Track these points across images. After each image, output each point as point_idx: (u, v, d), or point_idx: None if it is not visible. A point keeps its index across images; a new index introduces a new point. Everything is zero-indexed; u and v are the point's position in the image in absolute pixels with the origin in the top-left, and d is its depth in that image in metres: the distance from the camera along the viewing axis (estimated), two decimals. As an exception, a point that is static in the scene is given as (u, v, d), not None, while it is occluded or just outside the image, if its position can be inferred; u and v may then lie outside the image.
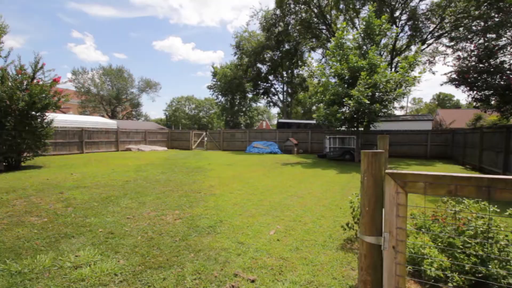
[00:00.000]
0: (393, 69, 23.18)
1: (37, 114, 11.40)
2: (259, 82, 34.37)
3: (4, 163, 11.05)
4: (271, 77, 35.00)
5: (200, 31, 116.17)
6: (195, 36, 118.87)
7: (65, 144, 17.95)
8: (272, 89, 35.77)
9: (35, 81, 11.24)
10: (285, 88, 35.27)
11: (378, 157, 1.46)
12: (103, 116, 41.68)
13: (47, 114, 11.87)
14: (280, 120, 29.38)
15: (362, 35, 15.49)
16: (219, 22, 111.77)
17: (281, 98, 35.90)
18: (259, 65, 33.37)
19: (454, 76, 11.40)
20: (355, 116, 13.88)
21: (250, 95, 38.49)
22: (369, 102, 12.67)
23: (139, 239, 3.97)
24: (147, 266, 3.21)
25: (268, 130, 28.69)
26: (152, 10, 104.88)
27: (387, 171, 1.42)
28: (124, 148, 22.44)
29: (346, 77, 14.96)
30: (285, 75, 35.05)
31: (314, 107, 58.44)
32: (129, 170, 10.89)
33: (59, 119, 17.75)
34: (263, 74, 34.03)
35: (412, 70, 13.78)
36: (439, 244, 3.22)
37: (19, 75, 10.88)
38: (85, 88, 40.57)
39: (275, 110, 72.12)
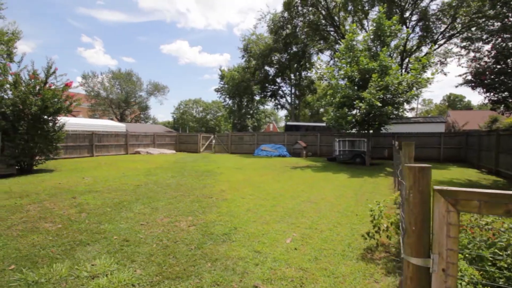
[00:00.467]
0: (403, 71, 22.83)
1: (49, 118, 11.53)
2: (267, 85, 34.32)
3: (16, 167, 11.19)
4: (278, 80, 34.92)
5: (206, 34, 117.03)
6: (202, 40, 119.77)
7: (76, 148, 18.14)
8: (280, 92, 35.68)
9: (47, 85, 11.38)
10: (293, 91, 35.12)
11: (425, 172, 1.35)
12: (112, 119, 42.15)
13: (58, 118, 12.01)
14: (289, 123, 29.23)
15: (372, 36, 15.29)
16: (225, 25, 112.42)
17: (289, 101, 35.76)
18: (266, 67, 33.32)
19: (469, 77, 11.12)
20: (366, 118, 13.66)
21: (257, 98, 38.46)
22: (381, 104, 12.45)
23: (154, 247, 3.91)
24: (165, 276, 3.13)
25: (276, 133, 28.58)
26: (160, 14, 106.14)
27: (435, 187, 1.31)
28: (133, 151, 22.59)
29: (356, 79, 14.76)
30: (292, 77, 34.93)
31: (321, 110, 58.22)
32: (139, 174, 10.90)
33: (69, 122, 17.98)
34: (270, 77, 33.97)
35: (424, 72, 13.51)
36: (467, 255, 3.06)
37: (32, 80, 11.02)
38: (95, 92, 41.12)
39: (282, 113, 72.03)
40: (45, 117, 11.28)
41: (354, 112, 15.26)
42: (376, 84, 12.67)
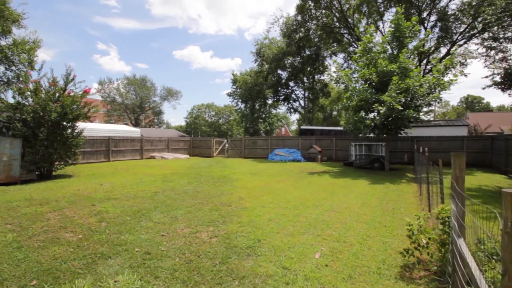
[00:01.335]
0: (421, 73, 22.17)
1: (68, 124, 11.68)
2: (280, 89, 34.10)
3: (36, 172, 11.37)
4: (291, 83, 34.66)
5: (218, 39, 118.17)
6: (213, 45, 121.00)
7: (93, 153, 18.40)
8: (293, 95, 35.37)
9: (66, 92, 11.55)
10: (306, 94, 34.76)
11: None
12: (127, 124, 42.87)
13: (77, 124, 12.16)
14: (303, 127, 28.86)
15: (389, 38, 14.87)
16: (236, 30, 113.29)
17: (302, 104, 35.39)
18: (279, 71, 33.14)
19: (498, 79, 10.56)
20: (385, 122, 13.22)
21: (270, 102, 38.29)
22: (402, 108, 12.01)
23: (177, 261, 3.73)
24: (191, 296, 2.94)
25: (290, 137, 28.27)
26: (172, 21, 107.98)
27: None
28: (148, 156, 22.77)
29: (374, 82, 14.35)
30: (305, 80, 34.60)
31: (334, 113, 57.45)
32: (156, 180, 10.85)
33: (87, 128, 18.28)
34: (283, 81, 33.75)
35: (447, 73, 13.00)
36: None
37: (52, 87, 11.21)
38: (111, 98, 41.95)
39: (294, 117, 71.54)
40: (64, 123, 11.43)
41: (372, 115, 14.85)
42: (396, 86, 12.24)
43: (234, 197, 7.82)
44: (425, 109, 20.17)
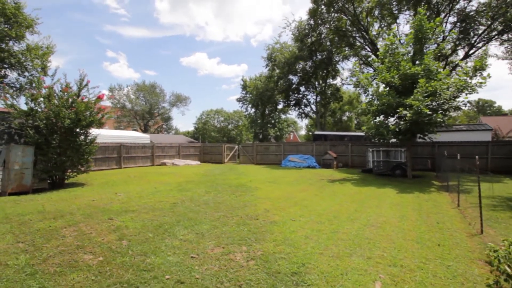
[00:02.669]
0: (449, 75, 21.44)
1: (81, 131, 11.33)
2: (290, 93, 33.57)
3: (48, 181, 10.99)
4: (302, 88, 34.10)
5: (224, 46, 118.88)
6: (220, 51, 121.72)
7: (105, 160, 18.08)
8: (304, 100, 34.79)
9: (80, 98, 11.21)
10: (318, 99, 34.14)
11: None
12: (136, 130, 42.83)
13: (90, 130, 11.80)
14: (316, 132, 28.20)
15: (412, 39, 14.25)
16: (242, 36, 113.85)
17: (314, 109, 34.75)
18: (290, 76, 32.66)
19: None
20: (410, 127, 12.53)
21: (280, 107, 37.77)
22: (430, 112, 11.33)
23: (216, 293, 3.17)
24: None
25: (303, 143, 27.66)
26: (180, 29, 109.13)
27: None
28: (159, 162, 22.39)
29: (396, 85, 13.70)
30: (317, 85, 34.02)
31: (344, 118, 56.57)
32: (172, 189, 10.36)
33: (99, 134, 18.00)
34: (293, 86, 33.23)
35: (475, 75, 12.30)
36: None
37: (65, 93, 10.87)
38: (121, 104, 42.03)
39: (303, 122, 70.81)
40: (78, 130, 11.08)
41: (392, 120, 14.18)
42: (423, 90, 11.59)
43: (259, 209, 7.25)
44: (453, 114, 19.35)
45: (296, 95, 34.17)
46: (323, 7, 27.15)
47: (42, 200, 8.12)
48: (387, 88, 14.08)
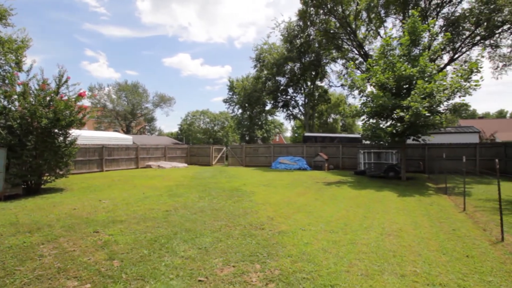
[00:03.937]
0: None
1: (60, 131, 10.34)
2: (279, 95, 33.21)
3: (23, 186, 9.93)
4: (291, 90, 33.82)
5: (208, 47, 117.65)
6: (203, 53, 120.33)
7: (85, 162, 16.91)
8: (292, 102, 34.52)
9: (59, 96, 10.23)
10: (306, 101, 33.97)
11: None
12: (117, 131, 41.07)
13: (70, 131, 10.82)
14: (307, 134, 27.91)
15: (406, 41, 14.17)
16: (226, 38, 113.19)
17: (302, 111, 34.55)
18: (279, 78, 32.30)
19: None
20: (406, 129, 12.37)
21: (267, 108, 37.35)
22: (429, 113, 11.18)
23: (239, 331, 2.57)
24: None
25: (293, 144, 27.34)
26: (162, 29, 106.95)
27: None
28: (144, 165, 21.31)
29: (390, 87, 13.54)
30: (305, 87, 33.86)
31: (330, 120, 56.93)
32: (162, 194, 9.59)
33: (79, 135, 16.83)
34: (282, 87, 32.88)
35: (470, 77, 12.31)
36: None
37: (43, 91, 9.86)
38: (101, 104, 40.21)
39: (289, 124, 70.76)
40: (56, 130, 10.09)
41: (387, 122, 14.04)
42: (421, 91, 11.44)
43: (262, 217, 6.67)
44: (449, 116, 19.56)
45: (284, 96, 33.84)
46: (312, 8, 27.00)
47: (15, 209, 7.17)
48: (380, 90, 13.91)
